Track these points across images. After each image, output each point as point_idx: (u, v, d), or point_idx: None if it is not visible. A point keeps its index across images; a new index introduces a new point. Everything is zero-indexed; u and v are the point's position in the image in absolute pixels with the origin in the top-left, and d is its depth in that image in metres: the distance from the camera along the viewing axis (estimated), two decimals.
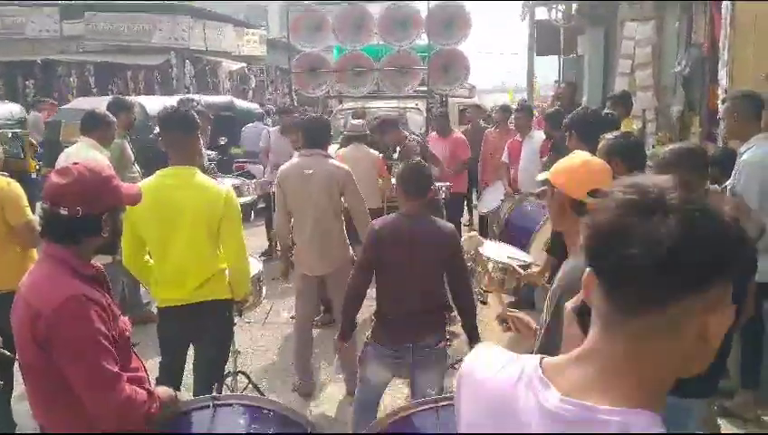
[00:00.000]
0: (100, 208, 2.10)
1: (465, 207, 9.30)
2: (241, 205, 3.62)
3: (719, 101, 6.07)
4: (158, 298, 3.55)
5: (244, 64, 22.16)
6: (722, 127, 5.54)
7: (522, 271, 4.28)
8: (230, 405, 2.36)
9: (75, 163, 2.18)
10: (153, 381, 3.65)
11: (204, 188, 3.34)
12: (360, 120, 6.99)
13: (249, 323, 6.01)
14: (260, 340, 5.81)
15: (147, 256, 3.47)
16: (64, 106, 9.38)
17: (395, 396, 4.47)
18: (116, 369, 2.01)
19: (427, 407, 2.33)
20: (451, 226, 3.65)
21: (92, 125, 4.94)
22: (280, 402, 2.47)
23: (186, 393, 3.75)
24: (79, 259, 2.11)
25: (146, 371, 2.33)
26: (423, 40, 9.61)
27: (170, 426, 2.23)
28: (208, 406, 2.30)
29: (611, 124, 4.54)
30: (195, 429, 2.28)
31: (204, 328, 3.48)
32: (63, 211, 2.03)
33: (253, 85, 23.37)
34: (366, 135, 6.37)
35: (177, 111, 3.43)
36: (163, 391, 2.30)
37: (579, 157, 2.28)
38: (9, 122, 9.18)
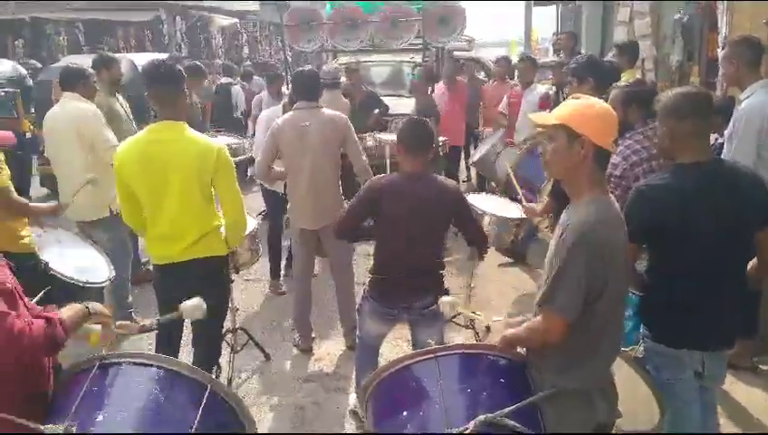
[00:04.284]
0: None
1: (463, 162, 9.26)
2: (237, 163, 3.58)
3: (718, 50, 5.99)
4: (153, 256, 3.54)
5: (236, 20, 21.75)
6: (721, 75, 5.47)
7: (522, 214, 4.30)
8: (119, 365, 2.15)
9: None
10: (154, 340, 3.73)
11: (193, 143, 3.28)
12: (333, 66, 6.89)
13: (249, 280, 6.06)
14: (259, 297, 5.84)
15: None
16: (54, 65, 9.18)
17: (398, 350, 4.52)
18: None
19: (426, 357, 2.34)
20: (454, 183, 3.55)
21: (71, 81, 4.87)
22: (177, 360, 2.22)
23: (186, 355, 3.79)
24: None
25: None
26: None
27: (58, 390, 2.13)
28: (93, 366, 2.13)
29: (618, 73, 4.59)
30: (75, 392, 2.06)
31: (200, 285, 3.46)
32: None
33: (245, 41, 23.02)
34: (339, 82, 6.32)
35: (162, 65, 3.34)
36: (68, 311, 2.17)
37: (599, 103, 2.19)
38: (1, 81, 9.01)
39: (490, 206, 4.65)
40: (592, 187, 2.15)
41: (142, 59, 8.98)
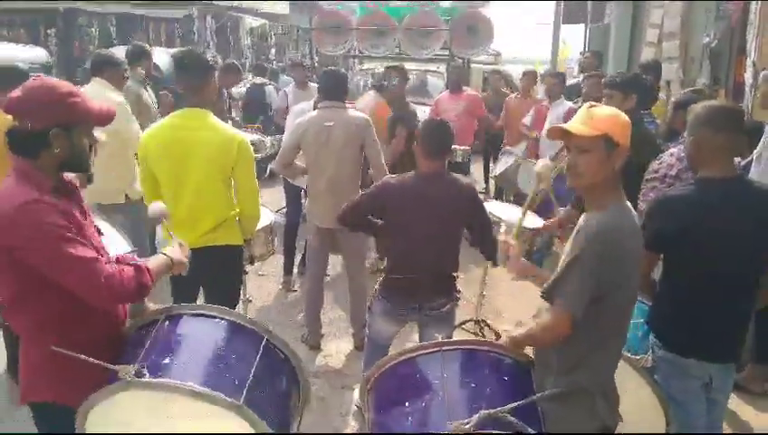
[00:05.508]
0: (47, 123, 2.05)
1: (480, 173, 9.24)
2: (257, 160, 3.63)
3: (745, 74, 5.95)
4: (169, 241, 3.58)
5: (265, 21, 21.97)
6: (747, 99, 5.45)
7: (539, 227, 4.26)
8: (180, 316, 2.36)
9: (35, 78, 2.16)
10: None
11: (217, 131, 3.34)
12: (389, 74, 6.79)
13: (262, 276, 6.09)
14: (271, 292, 5.87)
15: None
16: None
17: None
18: (89, 254, 2.03)
19: (431, 350, 2.34)
20: (469, 182, 3.52)
21: (99, 66, 4.94)
22: (236, 312, 2.42)
23: None
24: (41, 172, 2.09)
25: None
26: (447, 2, 9.50)
27: (126, 343, 2.30)
28: (159, 319, 2.33)
29: (655, 92, 4.62)
30: (144, 340, 2.23)
31: (214, 272, 3.51)
32: (17, 124, 2.06)
33: (273, 42, 23.22)
34: (383, 85, 6.38)
35: (190, 54, 3.43)
36: (154, 261, 2.36)
37: (621, 112, 2.19)
38: (34, 66, 9.18)
39: (506, 214, 4.65)
40: (612, 193, 2.16)
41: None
